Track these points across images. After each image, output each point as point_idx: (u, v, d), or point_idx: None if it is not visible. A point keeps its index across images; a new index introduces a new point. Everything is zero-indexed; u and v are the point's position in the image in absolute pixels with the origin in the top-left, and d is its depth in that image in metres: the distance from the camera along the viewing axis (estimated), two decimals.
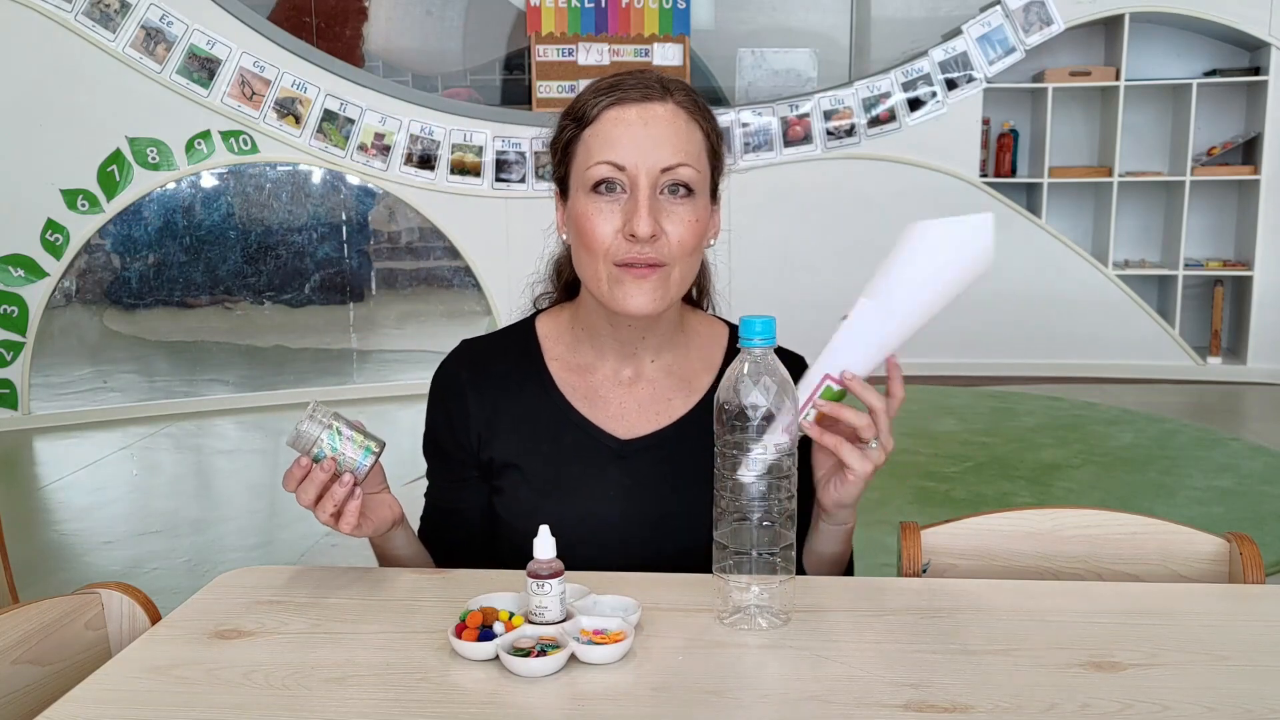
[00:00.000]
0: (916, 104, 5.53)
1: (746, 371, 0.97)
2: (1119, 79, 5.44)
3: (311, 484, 1.06)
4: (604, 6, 5.40)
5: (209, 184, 5.33)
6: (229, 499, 4.05)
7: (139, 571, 3.17)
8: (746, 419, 0.96)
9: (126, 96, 5.00)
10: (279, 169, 5.38)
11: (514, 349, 1.26)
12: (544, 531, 0.98)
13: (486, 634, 0.94)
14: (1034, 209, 5.63)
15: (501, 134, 5.40)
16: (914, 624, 1.00)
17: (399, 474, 1.38)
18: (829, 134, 5.57)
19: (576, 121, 1.16)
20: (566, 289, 1.30)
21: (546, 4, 5.39)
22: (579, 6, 5.40)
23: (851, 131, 5.57)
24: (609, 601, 1.01)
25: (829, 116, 5.57)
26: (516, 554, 1.07)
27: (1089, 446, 4.26)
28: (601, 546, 1.16)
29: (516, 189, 5.42)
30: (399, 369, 5.66)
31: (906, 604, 1.05)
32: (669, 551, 1.16)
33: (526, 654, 0.92)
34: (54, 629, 1.04)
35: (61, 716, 0.86)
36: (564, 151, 1.17)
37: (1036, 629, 0.99)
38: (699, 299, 1.32)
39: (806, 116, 5.58)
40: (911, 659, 0.93)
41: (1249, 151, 5.57)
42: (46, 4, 4.85)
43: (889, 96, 5.54)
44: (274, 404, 5.33)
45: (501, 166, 5.40)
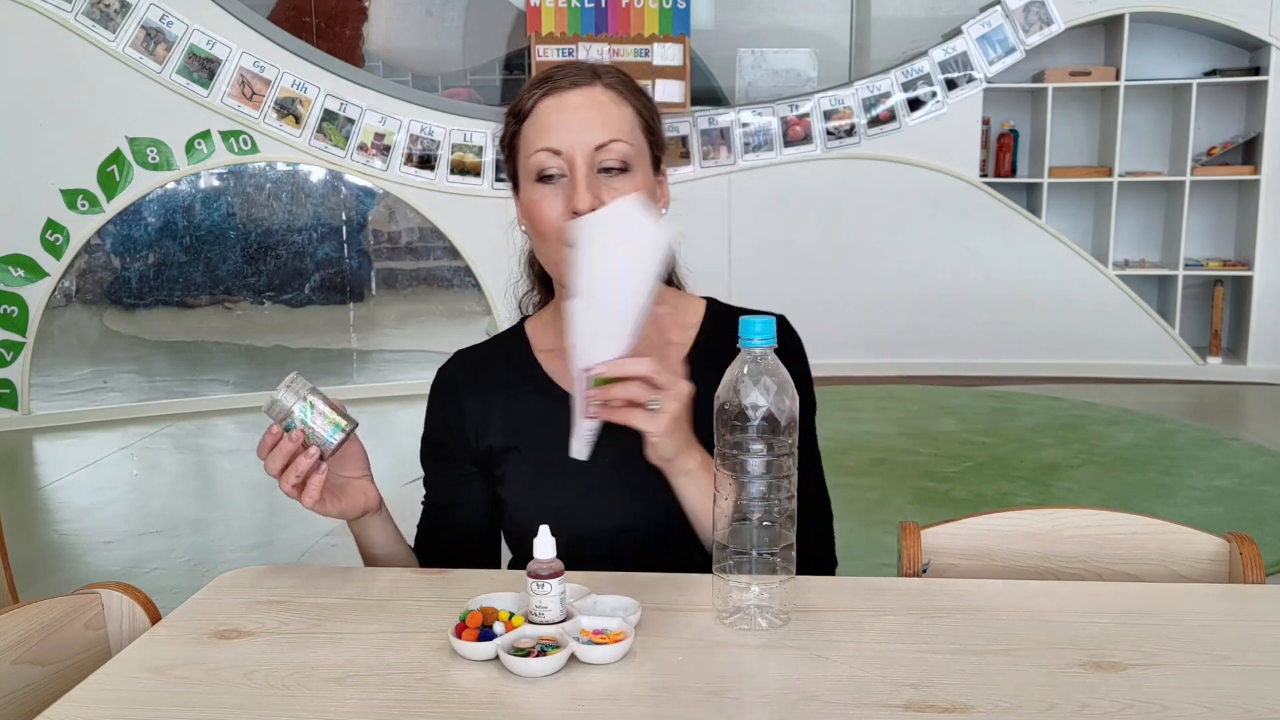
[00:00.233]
0: (916, 104, 5.53)
1: (746, 372, 0.97)
2: (1119, 79, 5.44)
3: (279, 453, 1.07)
4: (604, 6, 5.39)
5: (209, 184, 5.33)
6: (229, 499, 4.05)
7: (139, 571, 3.17)
8: (746, 419, 0.96)
9: (126, 96, 5.00)
10: (279, 169, 5.38)
11: (505, 350, 1.32)
12: (544, 531, 0.98)
13: (486, 634, 0.94)
14: (1034, 209, 5.63)
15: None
16: (914, 624, 1.00)
17: (399, 474, 1.37)
18: (829, 134, 5.58)
19: (515, 117, 1.22)
20: (543, 281, 1.35)
21: (546, 4, 5.38)
22: (579, 6, 5.39)
23: (851, 131, 5.57)
24: (609, 601, 1.01)
25: (829, 116, 5.57)
26: (519, 532, 1.07)
27: (1089, 446, 4.26)
28: (601, 516, 1.20)
29: None
30: (399, 369, 5.66)
31: (906, 604, 1.05)
32: (658, 516, 1.18)
33: (526, 654, 0.92)
34: (54, 629, 1.04)
35: (61, 716, 0.86)
36: (510, 147, 1.24)
37: (1036, 629, 0.99)
38: (668, 274, 1.36)
39: (806, 116, 5.58)
40: (911, 659, 0.93)
41: (1249, 151, 5.57)
42: (46, 4, 4.85)
43: (889, 96, 5.54)
44: None
45: (501, 167, 5.39)
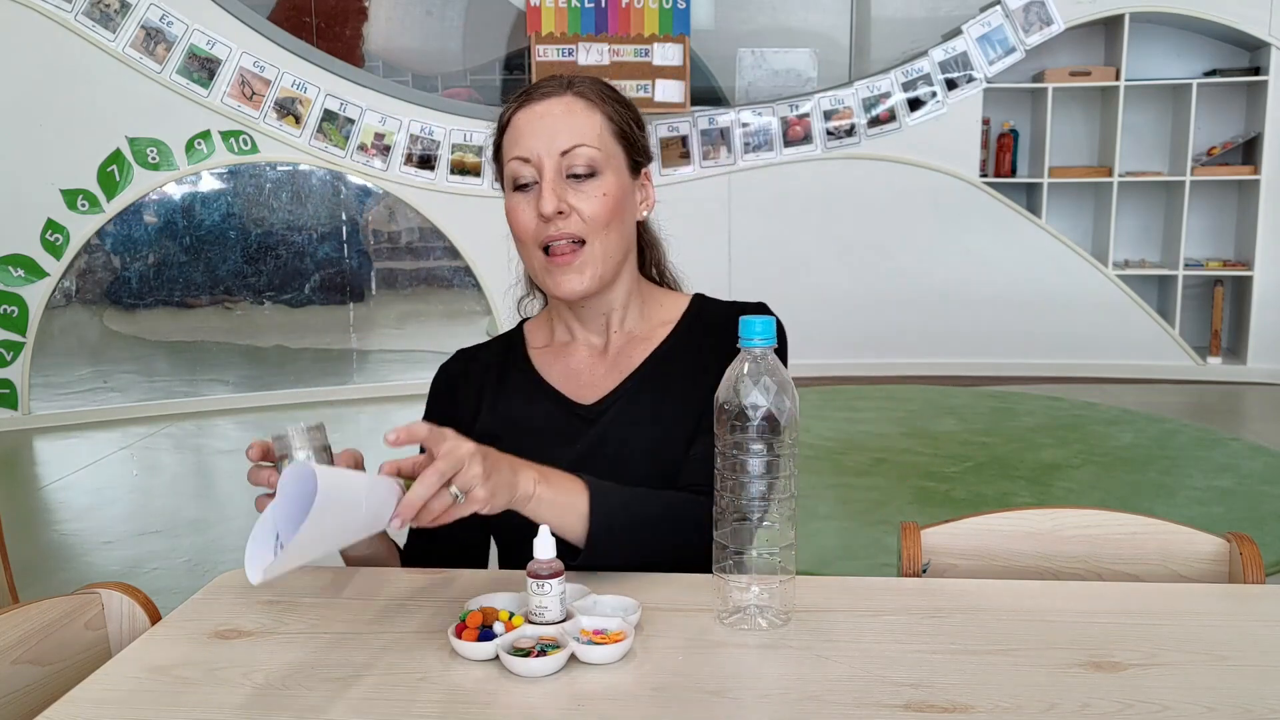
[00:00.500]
0: (916, 104, 5.53)
1: (746, 371, 0.97)
2: (1119, 79, 5.44)
3: (257, 481, 1.04)
4: (604, 6, 5.39)
5: (209, 184, 5.33)
6: (229, 499, 4.04)
7: (139, 571, 3.17)
8: (746, 419, 0.96)
9: (126, 96, 5.00)
10: (279, 169, 5.38)
11: (502, 348, 1.38)
12: (544, 532, 0.99)
13: (486, 634, 0.94)
14: (1034, 209, 5.63)
15: None
16: (914, 624, 1.00)
17: None
18: (829, 134, 5.58)
19: (499, 130, 1.29)
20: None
21: (546, 4, 5.38)
22: (579, 6, 5.39)
23: (851, 131, 5.57)
24: (609, 601, 1.01)
25: (829, 116, 5.57)
26: (499, 520, 1.07)
27: (1089, 446, 4.26)
28: None
29: None
30: (399, 369, 5.66)
31: (906, 604, 1.05)
32: None
33: (526, 654, 0.92)
34: (54, 629, 1.04)
35: (61, 716, 0.87)
36: (495, 159, 1.31)
37: (1036, 629, 0.99)
38: (659, 275, 1.40)
39: (806, 116, 5.58)
40: (911, 659, 0.93)
41: (1249, 151, 5.57)
42: (46, 4, 4.85)
43: (889, 96, 5.54)
44: (274, 404, 5.33)
45: None
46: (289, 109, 5.21)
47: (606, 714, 0.85)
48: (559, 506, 1.09)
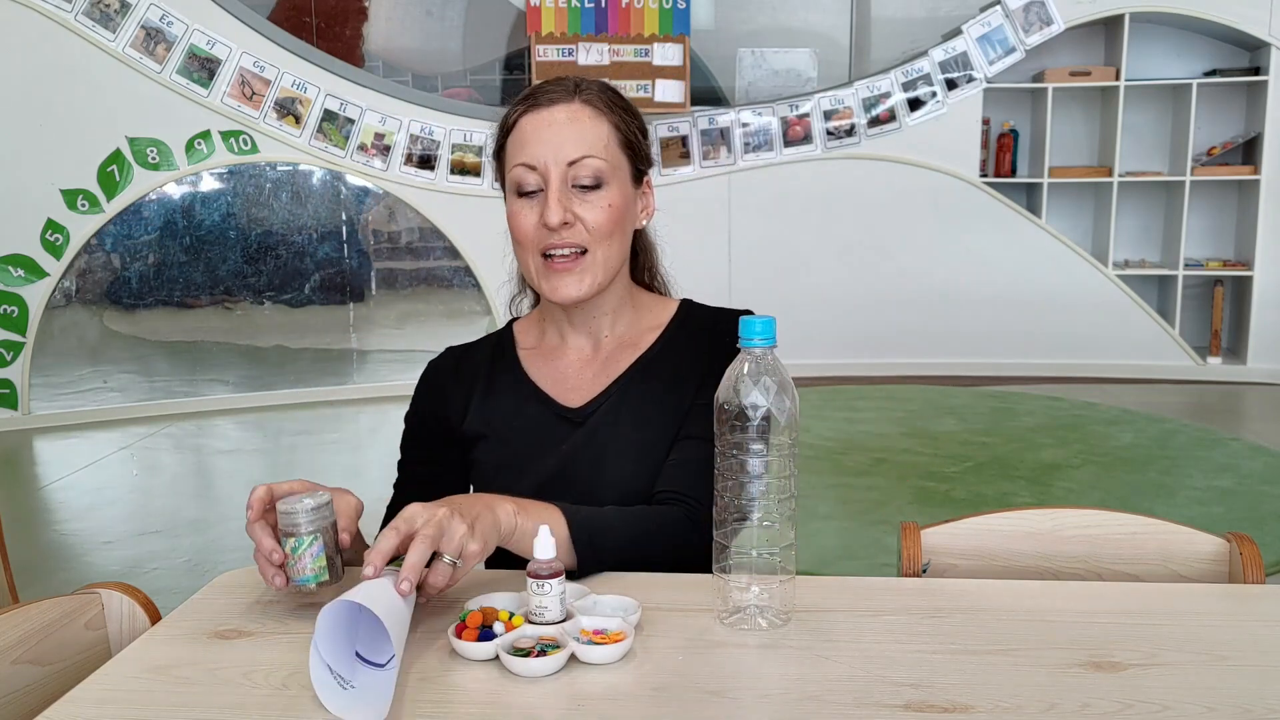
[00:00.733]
0: (916, 104, 5.53)
1: (746, 371, 0.97)
2: (1119, 79, 5.44)
3: (261, 559, 1.04)
4: (604, 6, 5.39)
5: (209, 184, 5.33)
6: (229, 499, 4.04)
7: (139, 571, 3.17)
8: (746, 419, 0.96)
9: (126, 96, 5.00)
10: (279, 169, 5.38)
11: (491, 347, 1.38)
12: (544, 532, 0.98)
13: (486, 634, 0.94)
14: (1034, 209, 5.63)
15: None
16: (914, 624, 1.00)
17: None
18: (829, 134, 5.58)
19: (503, 131, 1.28)
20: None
21: (546, 4, 5.38)
22: (579, 6, 5.39)
23: (851, 131, 5.57)
24: (609, 601, 1.01)
25: (829, 116, 5.57)
26: None
27: (1089, 446, 4.26)
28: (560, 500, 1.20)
29: None
30: (399, 369, 5.66)
31: (906, 604, 1.05)
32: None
33: (526, 654, 0.92)
34: (54, 629, 1.04)
35: (61, 716, 0.86)
36: (497, 160, 1.30)
37: (1036, 629, 0.99)
38: (650, 280, 1.40)
39: (806, 116, 5.58)
40: (911, 659, 0.93)
41: (1249, 151, 5.57)
42: (46, 4, 4.85)
43: (889, 96, 5.54)
44: (274, 404, 5.33)
45: None
46: (289, 109, 5.21)
47: (606, 714, 0.85)
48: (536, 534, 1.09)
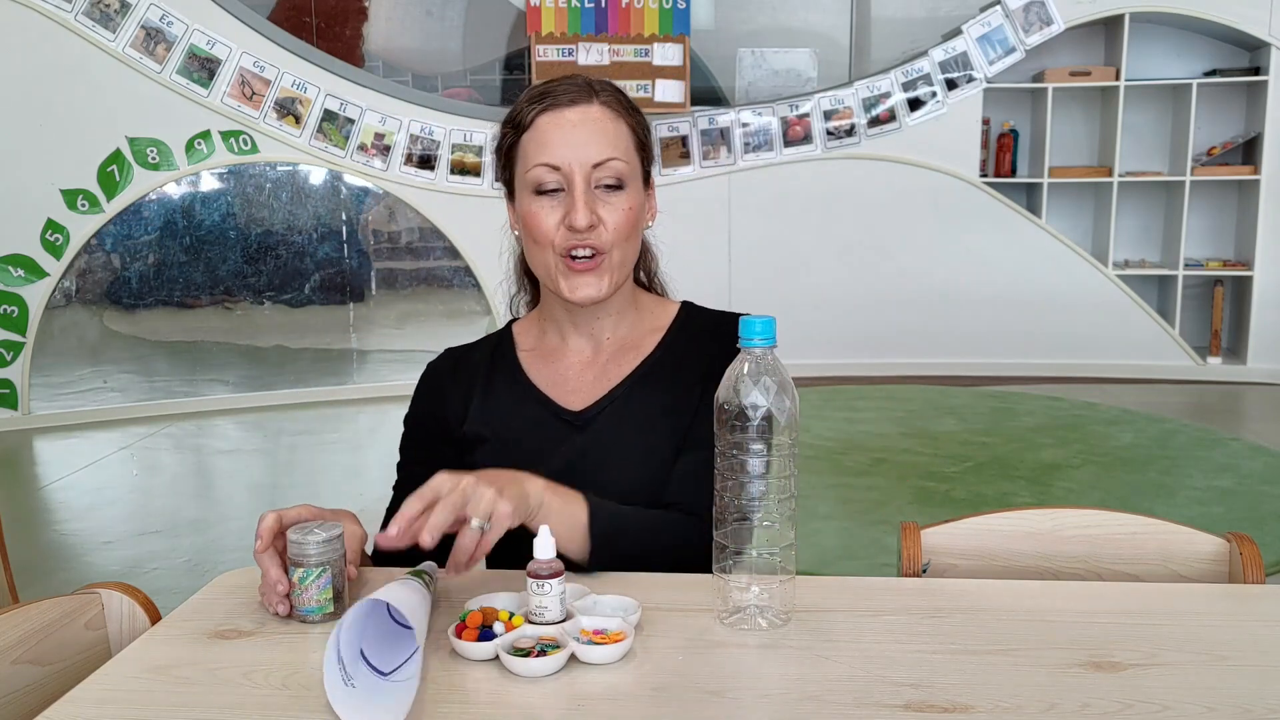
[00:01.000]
0: (916, 104, 5.53)
1: (746, 371, 0.97)
2: (1119, 79, 5.44)
3: (267, 587, 1.04)
4: (604, 6, 5.39)
5: (209, 184, 5.33)
6: (229, 499, 4.05)
7: (139, 571, 3.17)
8: (746, 419, 0.96)
9: (126, 96, 5.00)
10: (279, 169, 5.38)
11: (490, 348, 1.37)
12: (544, 532, 0.98)
13: (486, 634, 0.94)
14: (1034, 209, 5.63)
15: None
16: (914, 624, 1.00)
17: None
18: (829, 134, 5.58)
19: (515, 128, 1.26)
20: (533, 282, 1.40)
21: (546, 4, 5.38)
22: (579, 6, 5.39)
23: (851, 131, 5.57)
24: (609, 601, 1.01)
25: (829, 116, 5.57)
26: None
27: (1089, 446, 4.26)
28: None
29: None
30: (399, 369, 5.66)
31: (906, 604, 1.05)
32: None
33: (526, 654, 0.92)
34: (54, 629, 1.04)
35: (61, 716, 0.86)
36: (506, 156, 1.29)
37: (1036, 629, 0.99)
38: (649, 281, 1.41)
39: (806, 116, 5.58)
40: (911, 659, 0.93)
41: (1249, 151, 5.57)
42: (46, 4, 4.85)
43: (889, 96, 5.54)
44: (274, 404, 5.33)
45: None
46: (289, 109, 5.21)
47: (606, 714, 0.85)
48: (564, 516, 1.10)
